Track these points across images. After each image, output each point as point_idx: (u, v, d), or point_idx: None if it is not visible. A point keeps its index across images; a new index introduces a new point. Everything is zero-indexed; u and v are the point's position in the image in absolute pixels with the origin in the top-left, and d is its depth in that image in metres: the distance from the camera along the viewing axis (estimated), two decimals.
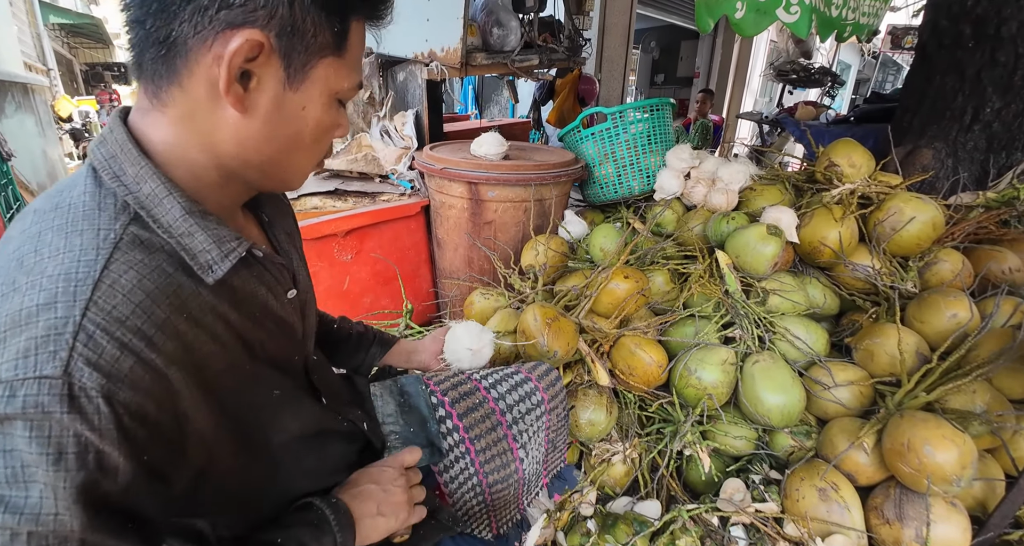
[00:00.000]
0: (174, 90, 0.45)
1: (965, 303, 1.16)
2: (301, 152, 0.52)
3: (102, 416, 0.37)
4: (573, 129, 1.92)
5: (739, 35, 1.46)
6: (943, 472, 0.86)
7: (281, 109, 0.47)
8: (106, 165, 0.46)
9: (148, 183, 0.45)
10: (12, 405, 0.35)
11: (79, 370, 0.37)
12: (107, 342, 0.38)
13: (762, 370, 1.20)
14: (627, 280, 1.37)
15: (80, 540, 0.37)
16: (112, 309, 0.39)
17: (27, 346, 0.36)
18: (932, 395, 1.00)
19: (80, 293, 0.38)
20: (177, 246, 0.46)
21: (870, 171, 1.51)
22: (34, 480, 0.36)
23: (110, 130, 0.47)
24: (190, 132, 0.47)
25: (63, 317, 0.37)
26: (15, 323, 0.37)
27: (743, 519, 1.09)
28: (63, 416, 0.36)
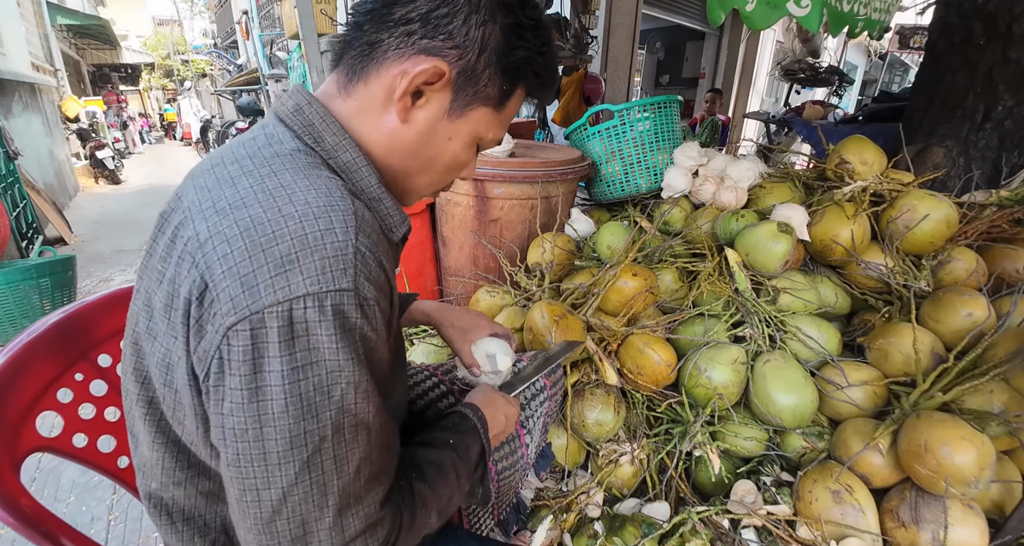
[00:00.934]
0: (359, 85, 0.54)
1: (981, 302, 1.14)
2: (429, 175, 0.60)
3: (377, 319, 0.46)
4: (579, 127, 1.90)
5: (749, 28, 1.44)
6: (961, 474, 0.84)
7: (433, 131, 0.55)
8: (305, 130, 0.52)
9: (348, 152, 0.53)
10: (323, 314, 0.41)
11: (362, 284, 0.44)
12: (372, 262, 0.46)
13: (773, 369, 1.18)
14: (636, 277, 1.35)
15: (375, 422, 0.46)
16: (368, 235, 0.46)
17: (323, 265, 0.42)
18: (949, 395, 0.98)
19: (349, 222, 0.45)
20: (372, 206, 0.55)
21: (882, 168, 1.49)
22: (335, 383, 0.42)
23: (307, 102, 0.53)
24: (364, 124, 0.55)
25: (343, 240, 0.44)
26: (304, 245, 0.42)
27: (755, 521, 1.08)
28: (357, 320, 0.43)
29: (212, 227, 0.44)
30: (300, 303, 0.41)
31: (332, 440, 0.43)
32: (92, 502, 1.58)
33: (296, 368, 0.41)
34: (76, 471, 1.70)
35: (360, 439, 0.45)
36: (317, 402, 0.42)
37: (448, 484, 0.59)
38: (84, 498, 1.61)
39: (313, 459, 0.42)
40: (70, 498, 1.59)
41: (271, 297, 0.40)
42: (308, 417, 0.41)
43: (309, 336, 0.41)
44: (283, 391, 0.41)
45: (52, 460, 1.76)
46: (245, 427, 0.41)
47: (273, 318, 0.40)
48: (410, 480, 0.55)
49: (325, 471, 0.43)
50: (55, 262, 2.51)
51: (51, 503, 1.59)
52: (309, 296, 0.41)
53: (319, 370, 0.42)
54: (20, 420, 0.61)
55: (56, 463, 1.75)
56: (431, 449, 0.61)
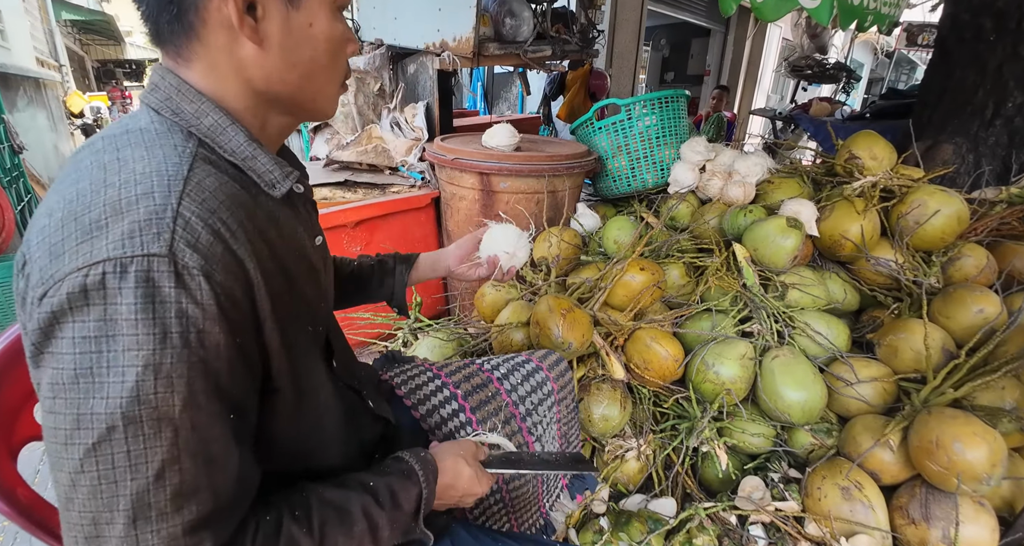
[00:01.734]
0: (194, 44, 0.48)
1: (992, 298, 1.13)
2: (322, 73, 0.54)
3: (203, 292, 0.40)
4: (585, 122, 1.89)
5: (760, 19, 1.43)
6: (973, 470, 0.84)
7: (291, 32, 0.50)
8: (163, 105, 0.49)
9: (210, 116, 0.49)
10: (125, 280, 0.37)
11: (181, 250, 0.39)
12: (201, 228, 0.41)
13: (782, 365, 1.17)
14: (643, 272, 1.34)
15: (186, 421, 0.39)
16: (202, 201, 0.42)
17: (131, 228, 0.39)
18: (960, 392, 0.97)
19: (174, 185, 0.42)
20: (243, 167, 0.50)
21: (892, 164, 1.47)
22: (131, 364, 0.37)
23: (160, 77, 0.50)
24: (219, 79, 0.50)
25: (162, 204, 0.40)
26: (116, 210, 0.39)
27: (762, 518, 1.07)
28: (171, 290, 0.38)
29: (43, 205, 0.43)
30: (99, 268, 0.37)
31: (124, 431, 0.37)
32: None
33: (88, 338, 0.37)
34: None
35: (162, 438, 0.38)
36: (108, 382, 0.37)
37: (352, 535, 0.51)
38: None
39: (100, 448, 0.37)
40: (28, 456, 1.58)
41: (73, 263, 0.38)
42: (96, 397, 0.37)
43: (107, 304, 0.37)
44: (72, 361, 0.37)
45: None
46: (44, 396, 0.39)
47: (71, 283, 0.37)
48: (281, 518, 0.48)
49: (115, 466, 0.37)
50: None
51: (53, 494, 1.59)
52: (110, 261, 0.37)
53: (113, 345, 0.37)
54: (17, 409, 0.61)
55: None
56: (338, 490, 0.53)
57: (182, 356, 0.39)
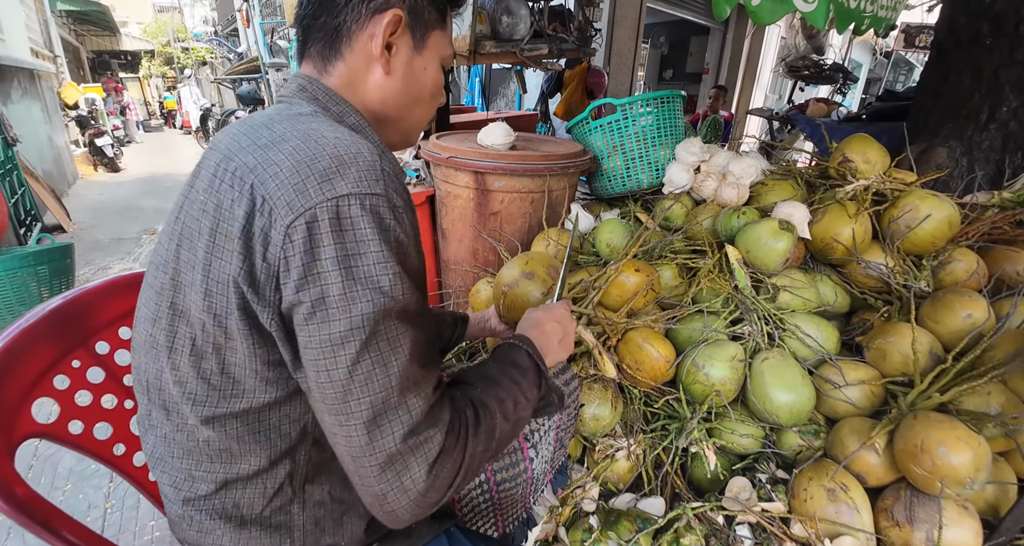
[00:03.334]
0: (337, 64, 0.62)
1: (981, 303, 1.14)
2: (422, 106, 0.68)
3: (408, 224, 0.52)
4: (582, 121, 1.89)
5: (755, 23, 1.43)
6: (957, 474, 0.85)
7: (411, 70, 0.64)
8: (313, 103, 0.61)
9: (352, 117, 0.62)
10: (364, 210, 0.48)
11: (391, 194, 0.51)
12: (397, 180, 0.53)
13: (771, 367, 1.18)
14: (638, 273, 1.35)
15: (418, 314, 0.51)
16: (391, 163, 0.54)
17: (359, 175, 0.49)
18: (946, 396, 0.98)
19: (374, 149, 0.53)
20: None
21: (885, 168, 1.48)
22: (383, 273, 0.48)
23: (308, 81, 0.62)
24: (350, 93, 0.63)
25: (372, 160, 0.51)
26: (342, 162, 0.49)
27: (749, 518, 1.08)
28: (391, 221, 0.50)
29: (259, 157, 0.50)
30: (345, 201, 0.47)
31: (384, 324, 0.47)
32: (89, 490, 1.59)
33: (347, 255, 0.47)
34: (73, 459, 1.71)
35: (408, 326, 0.50)
36: (369, 287, 0.47)
37: (502, 387, 0.63)
38: (81, 486, 1.61)
39: (371, 340, 0.47)
40: (67, 486, 1.60)
41: (320, 196, 0.46)
42: (363, 300, 0.47)
43: (355, 229, 0.47)
44: (339, 275, 0.46)
45: (49, 448, 1.77)
46: (312, 310, 0.46)
47: (324, 211, 0.46)
48: (462, 389, 0.60)
49: (383, 351, 0.47)
50: (53, 250, 2.50)
51: (48, 491, 1.60)
52: (352, 195, 0.47)
53: (367, 260, 0.47)
54: (16, 406, 0.61)
55: (53, 451, 1.76)
56: (476, 368, 0.68)
57: (403, 267, 0.50)
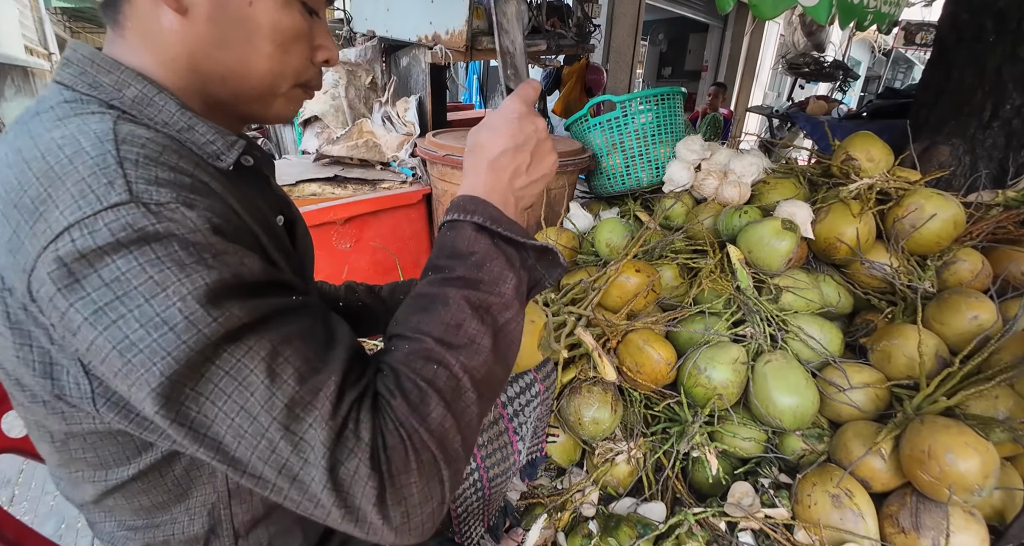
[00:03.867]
0: (122, 18, 0.44)
1: (987, 304, 1.12)
2: (263, 61, 0.46)
3: (192, 220, 0.35)
4: (580, 118, 1.86)
5: (756, 17, 1.40)
6: (965, 481, 0.82)
7: (224, 8, 0.43)
8: (77, 80, 0.43)
9: (132, 87, 0.43)
10: (98, 237, 0.32)
11: (144, 190, 0.34)
12: (154, 166, 0.36)
13: (774, 370, 1.16)
14: (638, 274, 1.32)
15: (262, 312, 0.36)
16: (142, 145, 0.37)
17: (78, 189, 0.34)
18: (953, 400, 0.96)
19: (104, 136, 0.36)
20: (180, 139, 0.43)
21: (888, 166, 1.46)
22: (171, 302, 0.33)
23: (73, 50, 0.44)
24: (149, 51, 0.44)
25: (99, 154, 0.35)
26: (51, 179, 0.34)
27: (752, 525, 1.06)
28: (156, 226, 0.33)
29: None
30: (65, 239, 0.32)
31: (212, 362, 0.33)
32: None
33: (100, 309, 0.32)
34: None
35: (253, 343, 0.35)
36: (158, 337, 0.32)
37: (448, 306, 0.42)
38: None
39: (199, 386, 0.33)
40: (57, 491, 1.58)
41: (35, 247, 0.33)
42: (159, 357, 0.32)
43: (97, 270, 0.32)
44: (107, 340, 0.32)
45: None
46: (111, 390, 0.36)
47: (44, 267, 0.33)
48: (388, 362, 0.41)
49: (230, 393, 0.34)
50: None
51: (39, 495, 1.57)
52: (73, 227, 0.33)
53: (133, 301, 0.32)
54: None
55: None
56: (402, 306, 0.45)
57: (210, 270, 0.34)
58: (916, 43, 5.84)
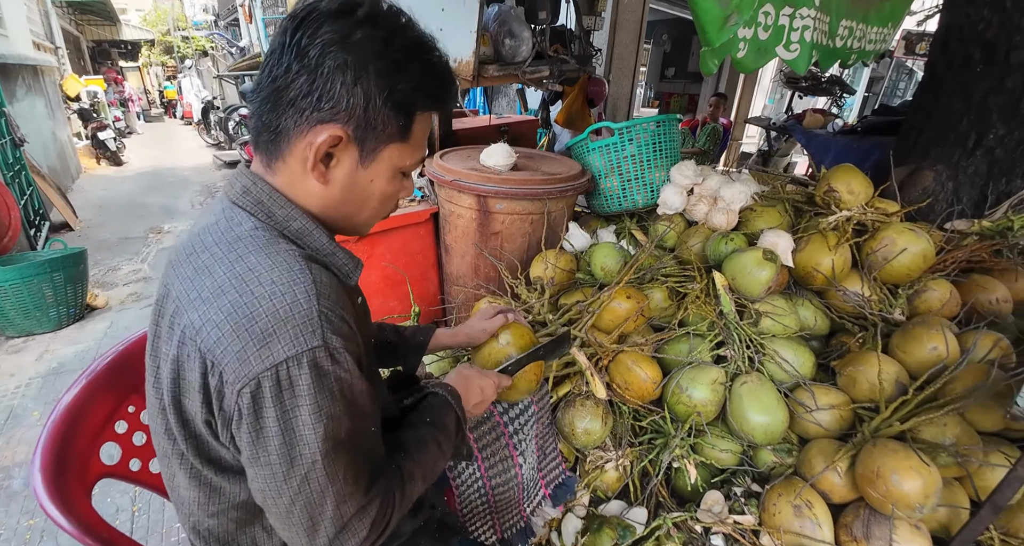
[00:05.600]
0: (279, 163, 0.62)
1: (947, 337, 1.22)
2: (368, 212, 0.68)
3: (348, 362, 0.56)
4: (581, 141, 1.96)
5: (740, 71, 1.49)
6: (908, 500, 0.94)
7: (354, 182, 0.63)
8: (257, 208, 0.62)
9: (298, 220, 0.62)
10: (301, 369, 0.53)
11: (329, 338, 0.55)
12: (334, 317, 0.56)
13: (749, 391, 1.27)
14: (629, 300, 1.43)
15: (350, 441, 0.58)
16: (328, 296, 0.56)
17: (294, 333, 0.53)
18: (906, 425, 1.07)
19: (311, 291, 0.55)
20: (327, 261, 0.64)
21: (868, 198, 1.55)
22: (318, 420, 0.54)
23: (252, 182, 0.62)
24: (297, 193, 0.63)
25: (308, 308, 0.54)
26: (278, 319, 0.53)
27: (723, 529, 1.18)
28: (331, 367, 0.54)
29: (202, 315, 0.54)
30: (284, 366, 0.52)
31: (322, 461, 0.54)
32: (116, 494, 1.69)
33: (286, 412, 0.53)
34: None
35: (341, 455, 0.56)
36: (305, 435, 0.53)
37: (430, 453, 0.72)
38: (109, 490, 1.72)
39: (309, 476, 0.54)
40: (95, 490, 1.70)
41: (261, 364, 0.52)
42: (301, 445, 0.54)
43: (293, 388, 0.53)
44: (279, 431, 0.53)
45: None
46: (257, 455, 0.54)
47: (265, 379, 0.52)
48: (399, 462, 0.67)
49: (320, 483, 0.55)
50: (68, 257, 2.57)
51: None
52: (290, 359, 0.52)
53: (303, 413, 0.53)
54: (88, 452, 0.70)
55: None
56: (412, 430, 0.75)
57: (344, 405, 0.56)
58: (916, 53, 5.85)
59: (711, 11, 1.14)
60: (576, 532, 1.26)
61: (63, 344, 2.60)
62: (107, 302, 3.08)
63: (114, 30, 11.52)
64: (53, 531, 1.59)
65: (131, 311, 3.00)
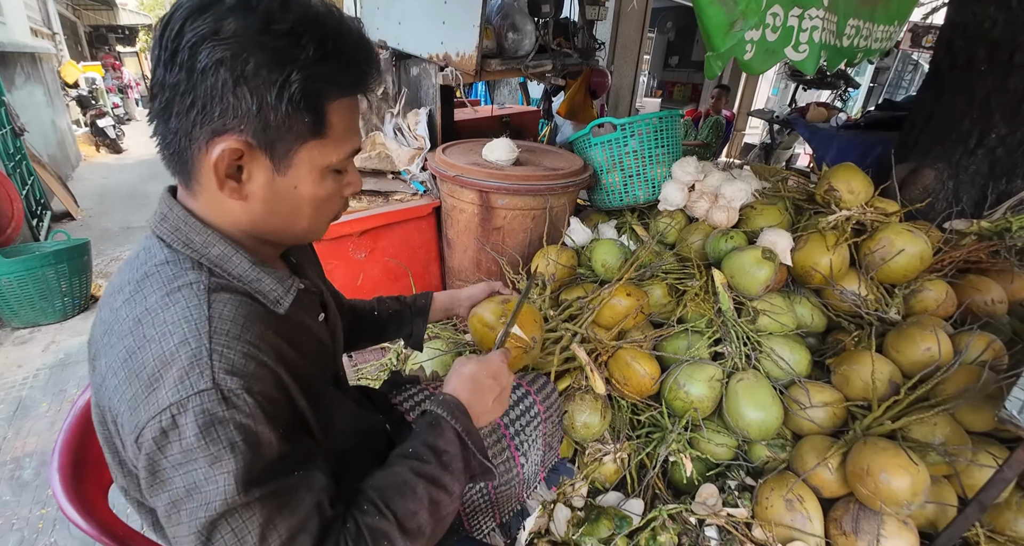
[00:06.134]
0: (194, 184, 0.56)
1: (941, 338, 1.24)
2: (305, 220, 0.61)
3: (249, 405, 0.49)
4: (583, 136, 1.95)
5: (747, 74, 1.48)
6: (896, 497, 0.97)
7: (275, 192, 0.56)
8: (173, 237, 0.57)
9: (216, 246, 0.56)
10: (186, 416, 0.47)
11: (222, 379, 0.48)
12: (233, 354, 0.50)
13: (745, 388, 1.30)
14: (629, 297, 1.45)
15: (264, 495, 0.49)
16: (227, 332, 0.51)
17: (179, 375, 0.48)
18: (897, 424, 1.10)
19: (202, 326, 0.50)
20: (250, 289, 0.58)
21: (868, 197, 1.56)
22: (213, 474, 0.47)
23: (169, 208, 0.58)
24: (217, 213, 0.57)
25: (197, 347, 0.49)
26: (164, 362, 0.49)
27: (717, 521, 1.22)
28: (224, 412, 0.47)
29: (107, 363, 0.52)
30: (167, 413, 0.47)
31: (227, 518, 0.47)
32: None
33: (178, 465, 0.47)
34: None
35: (254, 513, 0.48)
36: (207, 491, 0.47)
37: (414, 497, 0.59)
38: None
39: (215, 534, 0.47)
40: None
41: (147, 413, 0.48)
42: (200, 502, 0.47)
43: (181, 439, 0.47)
44: (177, 485, 0.47)
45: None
46: (162, 512, 0.49)
47: (150, 430, 0.47)
48: (357, 519, 0.55)
49: (228, 543, 0.47)
50: (72, 248, 2.59)
51: None
52: (173, 405, 0.47)
53: (198, 465, 0.47)
54: (102, 454, 0.72)
55: None
56: (383, 472, 0.62)
57: (248, 455, 0.48)
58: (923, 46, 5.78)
59: (716, 17, 1.14)
60: (567, 520, 1.30)
61: (69, 335, 2.63)
62: None
63: (111, 15, 11.36)
64: (66, 521, 1.63)
65: None
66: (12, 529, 1.60)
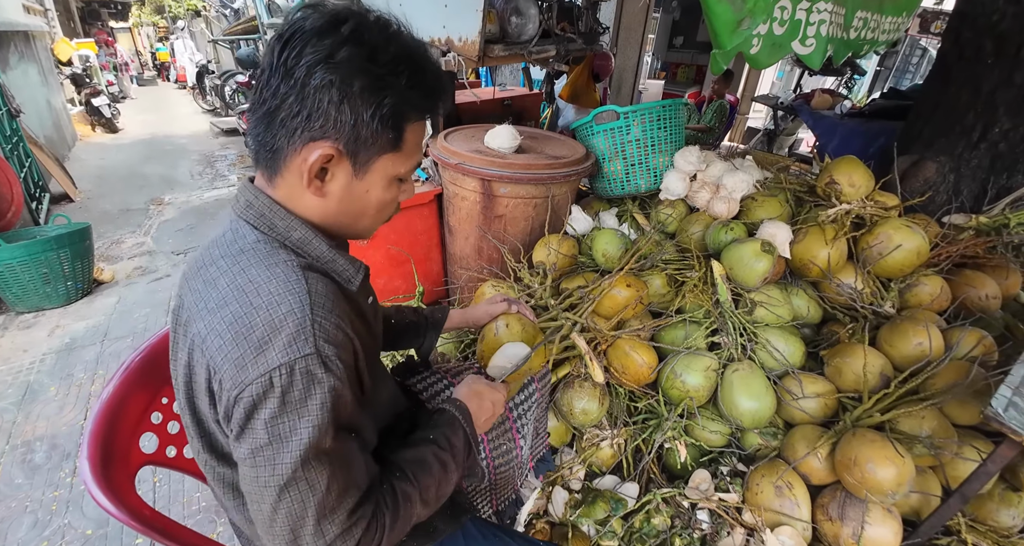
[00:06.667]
0: (278, 178, 0.65)
1: (932, 333, 1.26)
2: (367, 219, 0.71)
3: (339, 370, 0.58)
4: (586, 124, 1.94)
5: (753, 68, 1.46)
6: (881, 487, 1.01)
7: (350, 193, 0.66)
8: (259, 221, 0.65)
9: (298, 231, 0.65)
10: (293, 375, 0.55)
11: (322, 346, 0.57)
12: (328, 325, 0.59)
13: (740, 378, 1.33)
14: (629, 288, 1.47)
15: (333, 451, 0.59)
16: (323, 305, 0.59)
17: (288, 340, 0.56)
18: (886, 416, 1.13)
19: (304, 299, 0.58)
20: (327, 269, 0.67)
21: (868, 191, 1.56)
22: (305, 426, 0.56)
23: (254, 196, 0.66)
24: (294, 204, 0.66)
25: (301, 317, 0.57)
26: (273, 327, 0.56)
27: (709, 505, 1.27)
28: (323, 374, 0.57)
29: (208, 325, 0.59)
30: (277, 372, 0.55)
31: (303, 469, 0.56)
32: None
33: (274, 417, 0.55)
34: None
35: (325, 466, 0.57)
36: (292, 440, 0.56)
37: (432, 475, 0.72)
38: None
39: (290, 484, 0.56)
40: None
41: (255, 371, 0.55)
42: (286, 451, 0.55)
43: (284, 394, 0.55)
44: (266, 434, 0.55)
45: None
46: (245, 456, 0.57)
47: (259, 386, 0.55)
48: (392, 482, 0.67)
49: (301, 490, 0.56)
50: (74, 233, 2.59)
51: None
52: (283, 365, 0.55)
53: (291, 418, 0.55)
54: (128, 443, 0.75)
55: None
56: (412, 449, 0.74)
57: (331, 414, 0.57)
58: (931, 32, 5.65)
59: (724, 15, 1.12)
60: (564, 502, 1.35)
61: (73, 319, 2.66)
62: (113, 276, 3.12)
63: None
64: (78, 502, 1.69)
65: (138, 286, 3.04)
66: (26, 511, 1.66)
